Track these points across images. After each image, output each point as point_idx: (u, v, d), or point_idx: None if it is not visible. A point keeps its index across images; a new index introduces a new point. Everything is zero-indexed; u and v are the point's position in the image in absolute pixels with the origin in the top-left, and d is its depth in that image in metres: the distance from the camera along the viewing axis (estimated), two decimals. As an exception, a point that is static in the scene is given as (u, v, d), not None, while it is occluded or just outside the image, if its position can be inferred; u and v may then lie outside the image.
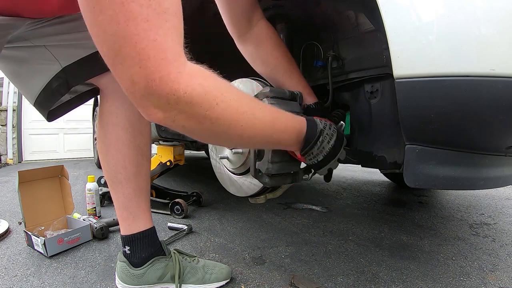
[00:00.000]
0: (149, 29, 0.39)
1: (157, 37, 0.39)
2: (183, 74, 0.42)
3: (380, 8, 0.53)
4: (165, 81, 0.41)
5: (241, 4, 0.77)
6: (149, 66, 0.39)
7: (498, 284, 0.84)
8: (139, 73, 0.40)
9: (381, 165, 0.81)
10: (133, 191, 0.78)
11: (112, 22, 0.37)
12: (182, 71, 0.42)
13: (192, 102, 0.44)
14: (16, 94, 4.42)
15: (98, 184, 1.70)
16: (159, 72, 0.40)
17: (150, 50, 0.39)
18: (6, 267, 0.95)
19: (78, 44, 0.70)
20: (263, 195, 0.91)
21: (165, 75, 0.40)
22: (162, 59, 0.40)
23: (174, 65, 0.41)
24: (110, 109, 0.77)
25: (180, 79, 0.42)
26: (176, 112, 0.44)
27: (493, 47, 0.47)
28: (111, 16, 0.37)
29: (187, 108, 0.44)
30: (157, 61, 0.40)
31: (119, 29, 0.38)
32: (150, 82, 0.40)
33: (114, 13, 0.37)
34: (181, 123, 0.46)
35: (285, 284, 0.84)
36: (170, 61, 0.41)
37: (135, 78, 0.40)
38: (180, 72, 0.42)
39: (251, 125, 0.52)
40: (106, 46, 0.40)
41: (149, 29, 0.39)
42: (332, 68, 0.88)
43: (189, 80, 0.43)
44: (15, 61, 0.71)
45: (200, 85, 0.44)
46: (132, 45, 0.38)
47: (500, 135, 0.57)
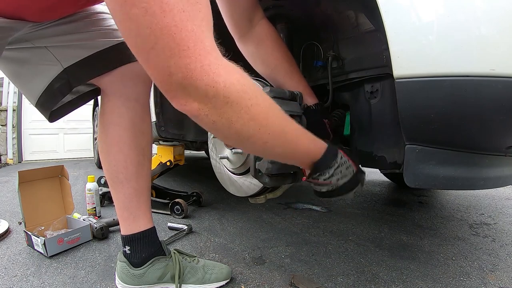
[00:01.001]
0: (186, 20, 0.38)
1: (194, 28, 0.39)
2: (223, 67, 0.42)
3: (380, 8, 0.53)
4: (206, 72, 0.40)
5: (242, 4, 0.77)
6: (189, 55, 0.39)
7: (498, 284, 0.84)
8: (178, 63, 0.39)
9: (381, 165, 0.81)
10: (134, 191, 0.78)
11: (147, 14, 0.37)
12: (221, 63, 0.42)
13: (230, 98, 0.43)
14: (16, 94, 4.42)
15: (98, 184, 1.70)
16: (200, 62, 0.40)
17: (190, 40, 0.39)
18: (6, 267, 0.95)
19: (80, 45, 0.70)
20: (263, 195, 0.91)
21: (205, 65, 0.40)
22: (201, 49, 0.40)
23: (213, 55, 0.41)
24: (112, 109, 0.77)
25: (221, 71, 0.42)
26: (211, 105, 0.43)
27: (493, 47, 0.47)
28: (146, 8, 0.37)
29: (223, 104, 0.43)
30: (196, 51, 0.39)
31: (155, 20, 0.37)
32: (189, 72, 0.40)
33: (149, 5, 0.37)
34: (213, 119, 0.45)
35: (285, 284, 0.84)
36: (209, 52, 0.41)
37: (172, 69, 0.40)
38: (220, 64, 0.42)
39: (277, 135, 0.51)
40: (141, 39, 0.39)
41: (186, 19, 0.38)
42: (332, 68, 0.88)
43: (228, 73, 0.43)
44: (16, 62, 0.71)
45: (238, 82, 0.44)
46: (170, 36, 0.38)
47: (500, 135, 0.57)
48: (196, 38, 0.39)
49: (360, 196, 1.93)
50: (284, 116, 0.53)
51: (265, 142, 0.51)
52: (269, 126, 0.50)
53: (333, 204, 1.71)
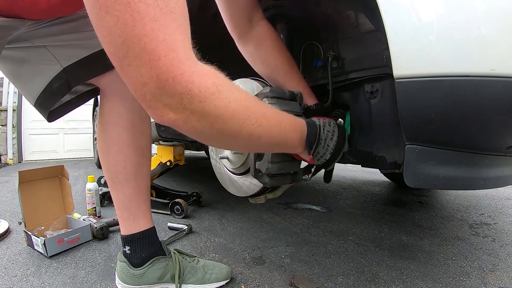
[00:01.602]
0: (158, 29, 0.38)
1: (166, 37, 0.39)
2: (196, 73, 0.42)
3: (380, 8, 0.53)
4: (179, 81, 0.40)
5: (242, 4, 0.77)
6: (160, 66, 0.39)
7: (498, 284, 0.84)
8: (150, 73, 0.39)
9: (381, 165, 0.81)
10: (133, 191, 0.78)
11: (119, 23, 0.37)
12: (195, 70, 0.42)
13: (206, 102, 0.43)
14: (16, 94, 4.42)
15: (98, 184, 1.70)
16: (172, 72, 0.39)
17: (161, 50, 0.38)
18: (6, 267, 0.95)
19: (79, 44, 0.70)
20: (263, 195, 0.91)
21: (178, 74, 0.40)
22: (173, 58, 0.39)
23: (186, 64, 0.41)
24: (111, 109, 0.77)
25: (195, 78, 0.41)
26: (188, 112, 0.43)
27: (493, 47, 0.47)
28: (118, 16, 0.36)
29: (200, 108, 0.43)
30: (168, 60, 0.39)
31: (127, 29, 0.37)
32: (162, 82, 0.39)
33: (121, 14, 0.36)
34: (192, 124, 0.45)
35: (285, 284, 0.84)
36: (182, 61, 0.40)
37: (145, 78, 0.39)
38: (193, 71, 0.41)
39: (261, 123, 0.51)
40: (113, 48, 0.39)
41: (157, 29, 0.38)
42: (332, 68, 0.88)
43: (202, 79, 0.42)
44: (15, 61, 0.71)
45: (213, 84, 0.44)
46: (141, 46, 0.37)
47: (500, 135, 0.57)
48: (168, 48, 0.39)
49: (360, 196, 1.93)
50: (261, 104, 0.54)
51: (251, 135, 0.51)
52: (251, 118, 0.49)
53: (333, 204, 1.71)
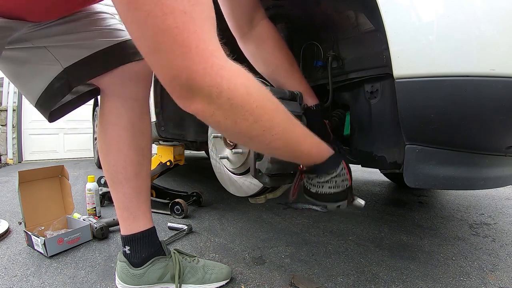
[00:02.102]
0: (188, 21, 0.38)
1: (197, 29, 0.39)
2: (227, 69, 0.42)
3: (380, 8, 0.53)
4: (209, 73, 0.41)
5: (243, 4, 0.77)
6: (191, 57, 0.39)
7: (498, 284, 0.84)
8: (181, 65, 0.39)
9: (381, 165, 0.81)
10: (133, 191, 0.78)
11: (149, 17, 0.37)
12: (224, 65, 0.42)
13: (234, 100, 0.43)
14: (16, 94, 4.42)
15: (98, 184, 1.70)
16: (202, 64, 0.40)
17: (192, 42, 0.39)
18: (6, 267, 0.95)
19: (79, 45, 0.70)
20: (263, 195, 0.91)
21: (208, 66, 0.40)
22: (204, 50, 0.40)
23: (217, 56, 0.41)
24: (111, 109, 0.77)
25: (224, 72, 0.42)
26: (216, 106, 0.44)
27: (493, 47, 0.47)
28: (148, 11, 0.37)
29: (227, 105, 0.44)
30: (199, 52, 0.40)
31: (158, 23, 0.37)
32: (193, 74, 0.40)
33: (151, 8, 0.37)
34: (217, 119, 0.45)
35: (285, 284, 0.84)
36: (212, 53, 0.41)
37: (176, 71, 0.40)
38: (223, 66, 0.42)
39: (281, 137, 0.52)
40: (145, 41, 0.40)
41: (187, 21, 0.38)
42: (332, 68, 0.88)
43: (232, 76, 0.43)
44: (16, 62, 0.71)
45: (243, 85, 0.44)
46: (172, 38, 0.38)
47: (500, 135, 0.57)
48: (198, 40, 0.39)
49: (360, 196, 1.93)
50: (289, 118, 0.54)
51: (268, 143, 0.52)
52: (274, 128, 0.50)
53: (333, 204, 1.71)
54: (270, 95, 0.50)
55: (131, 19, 0.39)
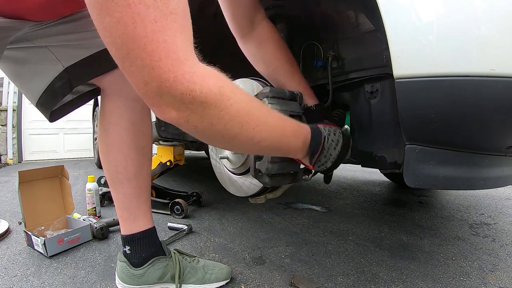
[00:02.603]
0: (158, 30, 0.38)
1: (167, 38, 0.39)
2: (198, 74, 0.42)
3: (380, 8, 0.53)
4: (180, 81, 0.40)
5: (243, 4, 0.77)
6: (161, 66, 0.39)
7: (498, 284, 0.84)
8: (151, 73, 0.39)
9: (381, 165, 0.81)
10: (134, 191, 0.78)
11: (119, 24, 0.37)
12: (196, 70, 0.42)
13: (207, 102, 0.43)
14: (16, 94, 4.42)
15: (98, 184, 1.70)
16: (173, 72, 0.40)
17: (161, 51, 0.39)
18: (6, 267, 0.95)
19: (80, 44, 0.70)
20: (263, 195, 0.91)
21: (179, 75, 0.40)
22: (174, 59, 0.40)
23: (187, 65, 0.41)
24: (112, 109, 0.77)
25: (196, 78, 0.42)
26: (190, 112, 0.43)
27: (493, 47, 0.47)
28: (118, 18, 0.37)
29: (201, 109, 0.44)
30: (169, 61, 0.39)
31: (127, 31, 0.37)
32: (163, 82, 0.40)
33: (121, 16, 0.37)
34: (194, 124, 0.45)
35: (285, 284, 0.84)
36: (182, 61, 0.41)
37: (147, 78, 0.40)
38: (194, 72, 0.42)
39: (262, 127, 0.52)
40: (115, 48, 0.39)
41: (157, 30, 0.38)
42: (332, 68, 0.88)
43: (204, 80, 0.43)
44: (17, 61, 0.71)
45: (214, 85, 0.44)
46: (141, 47, 0.38)
47: (500, 135, 0.57)
48: (168, 49, 0.39)
49: (360, 196, 1.93)
50: (264, 108, 0.54)
51: (251, 138, 0.51)
52: (252, 121, 0.50)
53: (333, 204, 1.71)
54: (241, 90, 0.50)
55: (102, 25, 0.38)
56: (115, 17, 0.37)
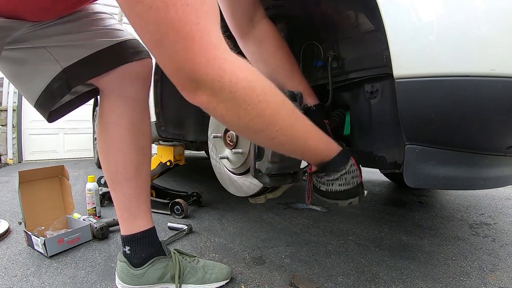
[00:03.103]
0: (190, 13, 0.39)
1: (199, 21, 0.39)
2: (229, 62, 0.42)
3: (380, 8, 0.53)
4: (212, 66, 0.41)
5: (243, 3, 0.77)
6: (194, 49, 0.39)
7: (498, 284, 0.84)
8: (185, 57, 0.40)
9: (381, 165, 0.81)
10: (133, 191, 0.78)
11: (151, 10, 0.37)
12: (227, 58, 0.42)
13: (236, 93, 0.44)
14: (16, 94, 4.41)
15: (98, 184, 1.70)
16: (205, 56, 0.40)
17: (195, 33, 0.39)
18: (6, 267, 0.95)
19: (78, 45, 0.70)
20: (263, 195, 0.91)
21: (211, 59, 0.41)
22: (207, 42, 0.40)
23: (219, 49, 0.41)
24: (111, 109, 0.77)
25: (226, 66, 0.42)
26: (219, 99, 0.44)
27: (493, 47, 0.47)
28: (149, 4, 0.37)
29: (230, 99, 0.44)
30: (202, 44, 0.40)
31: (160, 16, 0.38)
32: (196, 66, 0.40)
33: (152, 1, 0.37)
34: (220, 112, 0.46)
35: (285, 284, 0.84)
36: (215, 45, 0.41)
37: (180, 62, 0.40)
38: (226, 58, 0.42)
39: (286, 132, 0.52)
40: (149, 35, 0.40)
41: (190, 13, 0.39)
42: (332, 68, 0.88)
43: (234, 70, 0.43)
44: (15, 62, 0.71)
45: (245, 79, 0.44)
46: (175, 30, 0.38)
47: (500, 135, 0.57)
48: (201, 32, 0.40)
49: (360, 196, 1.93)
50: (295, 114, 0.53)
51: (273, 138, 0.51)
52: (278, 123, 0.50)
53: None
54: (275, 89, 0.50)
55: (134, 13, 0.39)
56: (146, 3, 0.37)
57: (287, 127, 0.52)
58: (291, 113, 0.53)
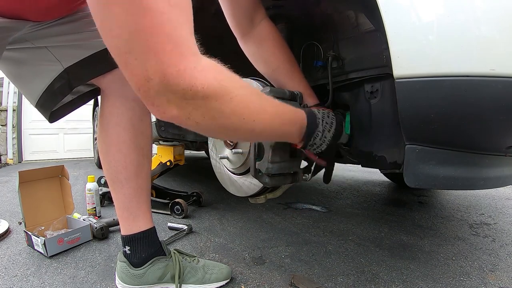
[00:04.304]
0: (165, 23, 0.38)
1: (172, 31, 0.39)
2: (199, 68, 0.42)
3: (380, 8, 0.53)
4: (182, 76, 0.40)
5: (244, 3, 0.77)
6: (165, 60, 0.39)
7: (498, 284, 0.84)
8: (155, 67, 0.39)
9: (381, 165, 0.81)
10: (133, 191, 0.78)
11: (128, 15, 0.37)
12: (197, 65, 0.42)
13: (209, 97, 0.43)
14: (16, 94, 4.41)
15: (98, 184, 1.70)
16: (176, 66, 0.39)
17: (166, 44, 0.38)
18: (6, 267, 0.95)
19: (80, 45, 0.70)
20: (263, 195, 0.91)
21: (181, 69, 0.40)
22: (178, 53, 0.40)
23: (190, 59, 0.41)
24: (112, 109, 0.77)
25: (197, 73, 0.41)
26: (191, 108, 0.43)
27: (493, 47, 0.47)
28: (127, 9, 0.36)
29: (203, 104, 0.43)
30: (173, 55, 0.39)
31: (134, 22, 0.37)
32: (166, 77, 0.39)
33: (129, 6, 0.36)
34: (195, 120, 0.45)
35: (285, 284, 0.84)
36: (186, 55, 0.40)
37: (150, 73, 0.39)
38: (195, 66, 0.41)
39: (262, 119, 0.52)
40: (119, 41, 0.39)
41: (164, 22, 0.38)
42: (332, 68, 0.88)
43: (205, 74, 0.42)
44: (16, 62, 0.71)
45: (215, 79, 0.44)
46: (147, 39, 0.38)
47: (500, 135, 0.57)
48: (173, 42, 0.39)
49: (360, 196, 1.93)
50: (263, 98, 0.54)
51: (252, 130, 0.51)
52: (252, 114, 0.50)
53: (333, 204, 1.71)
54: (241, 81, 0.50)
55: (106, 16, 0.38)
56: (124, 7, 0.36)
57: (261, 113, 0.52)
58: (260, 99, 0.53)
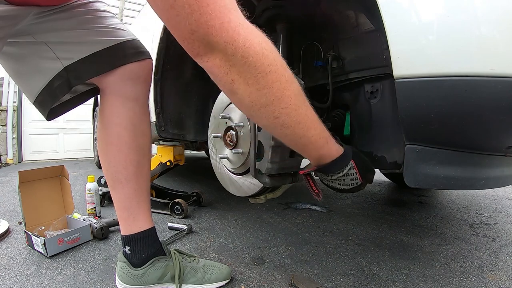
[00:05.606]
0: None
1: None
2: (244, 26, 0.42)
3: (380, 8, 0.53)
4: (226, 28, 0.41)
5: None
6: (208, 12, 0.39)
7: (498, 284, 0.84)
8: (199, 19, 0.39)
9: (381, 165, 0.81)
10: (133, 191, 0.78)
11: None
12: (242, 22, 0.42)
13: (248, 59, 0.43)
14: (16, 94, 4.42)
15: (98, 184, 1.70)
16: (220, 19, 0.40)
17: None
18: (6, 267, 0.95)
19: (80, 42, 0.70)
20: (263, 195, 0.91)
21: (225, 22, 0.40)
22: (221, 6, 0.40)
23: (234, 14, 0.41)
24: (111, 109, 0.76)
25: (241, 30, 0.42)
26: (230, 63, 0.43)
27: (493, 47, 0.47)
28: None
29: (241, 63, 0.43)
30: (216, 7, 0.40)
31: None
32: (209, 28, 0.40)
33: None
34: (231, 77, 0.45)
35: (285, 284, 0.84)
36: (229, 10, 0.41)
37: (193, 26, 0.40)
38: (240, 23, 0.42)
39: (290, 113, 0.50)
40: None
41: None
42: (332, 68, 0.88)
43: (249, 34, 0.43)
44: (16, 58, 0.71)
45: (259, 44, 0.44)
46: None
47: (500, 135, 0.57)
48: None
49: (360, 196, 1.93)
50: (302, 97, 0.52)
51: (276, 117, 0.50)
52: (284, 100, 0.49)
53: (333, 204, 1.71)
54: (285, 64, 0.49)
55: None
56: None
57: (292, 107, 0.50)
58: (298, 94, 0.51)
